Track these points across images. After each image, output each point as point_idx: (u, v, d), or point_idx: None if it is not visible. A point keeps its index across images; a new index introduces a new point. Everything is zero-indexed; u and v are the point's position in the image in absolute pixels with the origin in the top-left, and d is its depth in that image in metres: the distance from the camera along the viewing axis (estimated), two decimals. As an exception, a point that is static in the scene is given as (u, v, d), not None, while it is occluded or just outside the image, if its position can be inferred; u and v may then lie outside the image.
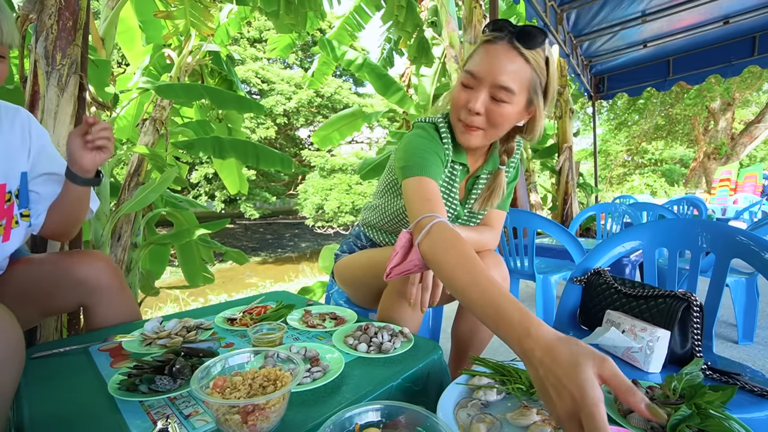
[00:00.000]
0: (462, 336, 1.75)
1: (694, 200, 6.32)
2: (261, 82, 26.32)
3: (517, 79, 1.38)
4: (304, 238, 28.80)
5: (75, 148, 1.40)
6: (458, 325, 1.76)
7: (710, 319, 1.55)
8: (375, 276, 1.69)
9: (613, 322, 1.43)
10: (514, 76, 1.37)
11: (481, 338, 1.72)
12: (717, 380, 1.21)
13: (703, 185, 22.70)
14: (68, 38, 2.37)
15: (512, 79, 1.37)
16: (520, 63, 1.37)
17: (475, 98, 1.42)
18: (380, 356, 1.17)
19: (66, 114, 2.39)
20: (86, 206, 1.56)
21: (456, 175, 1.66)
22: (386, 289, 1.58)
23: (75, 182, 1.45)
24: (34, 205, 1.49)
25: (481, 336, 1.71)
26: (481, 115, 1.44)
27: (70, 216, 1.53)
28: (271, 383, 0.86)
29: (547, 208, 11.00)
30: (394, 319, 1.52)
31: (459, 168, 1.66)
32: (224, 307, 1.67)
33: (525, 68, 1.38)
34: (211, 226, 4.60)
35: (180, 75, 4.91)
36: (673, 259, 1.75)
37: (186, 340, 1.24)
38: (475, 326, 1.69)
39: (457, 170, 1.65)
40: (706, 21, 6.68)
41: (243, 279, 15.77)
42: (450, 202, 1.68)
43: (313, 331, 1.39)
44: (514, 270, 3.46)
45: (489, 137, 1.52)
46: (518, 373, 1.04)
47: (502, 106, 1.41)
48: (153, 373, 0.96)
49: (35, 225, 1.49)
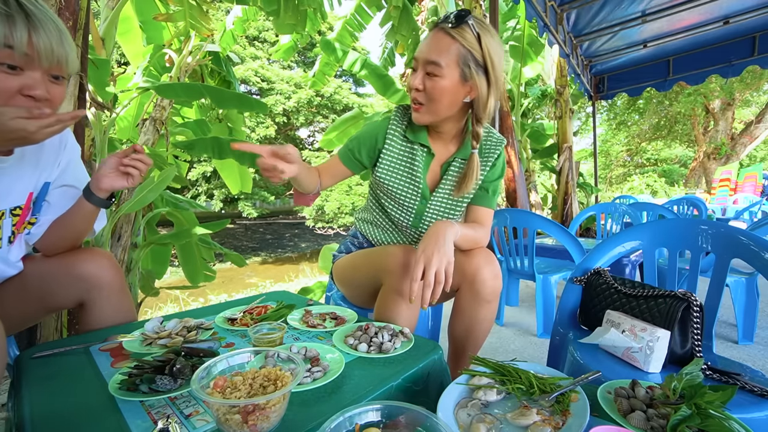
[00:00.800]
0: (458, 335, 1.75)
1: (694, 200, 6.32)
2: (261, 81, 26.31)
3: (443, 54, 1.54)
4: (304, 238, 28.81)
5: (107, 167, 1.42)
6: (453, 325, 1.76)
7: (710, 319, 1.55)
8: (372, 275, 1.71)
9: (613, 322, 1.43)
10: (440, 51, 1.54)
11: (476, 337, 1.72)
12: (717, 380, 1.21)
13: (703, 185, 22.71)
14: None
15: (438, 54, 1.54)
16: (447, 40, 1.54)
17: (414, 77, 1.62)
18: (380, 356, 1.17)
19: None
20: (90, 226, 1.56)
21: (416, 155, 1.79)
22: (383, 288, 1.61)
23: (89, 200, 1.45)
24: (41, 215, 1.49)
25: (476, 334, 1.71)
26: (420, 90, 1.62)
27: (73, 233, 1.52)
28: (272, 383, 0.86)
29: (548, 208, 11.02)
30: (390, 318, 1.53)
31: (419, 148, 1.79)
32: (224, 307, 1.67)
33: (451, 44, 1.54)
34: (211, 227, 4.60)
35: (180, 75, 4.91)
36: (673, 259, 1.75)
37: (186, 340, 1.24)
38: (469, 325, 1.70)
39: (416, 150, 1.79)
40: (706, 21, 6.68)
41: (243, 279, 15.77)
42: (412, 180, 1.81)
43: (313, 331, 1.39)
44: (514, 270, 3.46)
45: (432, 112, 1.66)
46: (518, 373, 1.04)
47: (435, 80, 1.57)
48: (153, 373, 0.96)
49: (34, 234, 1.48)
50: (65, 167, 1.51)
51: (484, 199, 1.84)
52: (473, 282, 1.63)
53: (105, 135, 3.72)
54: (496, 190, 1.86)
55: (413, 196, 1.80)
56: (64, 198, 1.51)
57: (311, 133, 32.86)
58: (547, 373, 1.07)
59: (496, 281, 1.64)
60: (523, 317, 3.81)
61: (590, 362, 1.37)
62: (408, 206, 1.82)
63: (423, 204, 1.82)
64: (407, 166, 1.80)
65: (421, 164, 1.78)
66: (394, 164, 1.80)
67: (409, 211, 1.83)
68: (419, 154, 1.78)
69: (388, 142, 1.80)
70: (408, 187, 1.80)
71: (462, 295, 1.70)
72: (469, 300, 1.67)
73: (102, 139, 3.69)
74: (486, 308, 1.66)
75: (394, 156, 1.80)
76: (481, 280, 1.61)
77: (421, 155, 1.78)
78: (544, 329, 3.26)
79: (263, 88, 26.59)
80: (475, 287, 1.63)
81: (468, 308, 1.68)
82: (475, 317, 1.67)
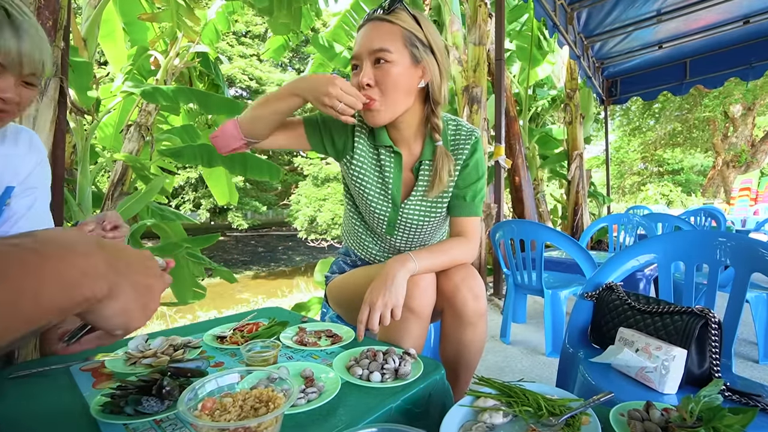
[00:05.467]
0: (447, 359, 1.71)
1: (712, 211, 6.32)
2: (249, 80, 26.29)
3: (388, 39, 1.53)
4: (299, 251, 28.76)
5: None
6: (442, 350, 1.73)
7: (729, 337, 1.55)
8: None
9: (626, 340, 1.43)
10: (384, 37, 1.53)
11: (468, 360, 1.68)
12: (736, 402, 1.22)
13: (721, 195, 22.75)
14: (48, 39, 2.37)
15: (383, 40, 1.52)
16: (386, 26, 1.54)
17: (360, 74, 1.56)
18: (398, 384, 1.13)
19: (46, 120, 2.40)
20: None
21: (384, 161, 1.77)
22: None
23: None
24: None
25: (467, 358, 1.68)
26: (372, 86, 1.55)
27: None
28: (264, 405, 0.86)
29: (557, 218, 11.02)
30: (399, 336, 1.54)
31: (384, 152, 1.77)
32: (213, 324, 1.67)
33: (392, 28, 1.53)
34: (200, 241, 4.59)
35: (166, 78, 4.93)
36: (690, 273, 1.76)
37: (173, 359, 1.24)
38: (457, 349, 1.67)
39: (383, 154, 1.76)
40: (725, 20, 6.71)
41: (233, 294, 15.70)
42: (383, 188, 1.79)
43: (307, 350, 1.39)
44: (521, 285, 3.46)
45: (390, 105, 1.59)
46: (526, 395, 1.04)
47: (386, 67, 1.53)
48: (138, 393, 0.96)
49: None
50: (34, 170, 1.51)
51: (462, 209, 1.79)
52: (453, 304, 1.62)
53: (87, 142, 3.74)
54: (477, 195, 1.80)
55: (384, 204, 1.79)
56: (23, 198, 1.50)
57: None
58: (557, 395, 1.07)
59: (477, 302, 1.61)
60: (531, 335, 3.81)
61: (602, 383, 1.37)
62: (380, 215, 1.81)
63: (395, 212, 1.80)
64: (377, 174, 1.79)
65: (390, 170, 1.77)
66: (364, 172, 1.78)
67: (382, 220, 1.82)
68: (386, 159, 1.77)
69: (357, 151, 1.78)
70: (379, 195, 1.79)
71: (445, 318, 1.69)
72: (452, 324, 1.66)
73: (83, 146, 3.70)
74: (471, 331, 1.64)
75: (364, 164, 1.78)
76: (461, 301, 1.60)
77: (388, 160, 1.77)
78: (553, 348, 3.25)
79: (252, 87, 26.57)
80: (456, 309, 1.62)
81: (453, 332, 1.67)
82: (462, 341, 1.66)
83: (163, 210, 5.00)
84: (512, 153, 7.09)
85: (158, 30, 4.87)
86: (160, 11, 4.50)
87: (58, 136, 2.48)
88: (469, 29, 5.60)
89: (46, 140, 2.38)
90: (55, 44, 2.41)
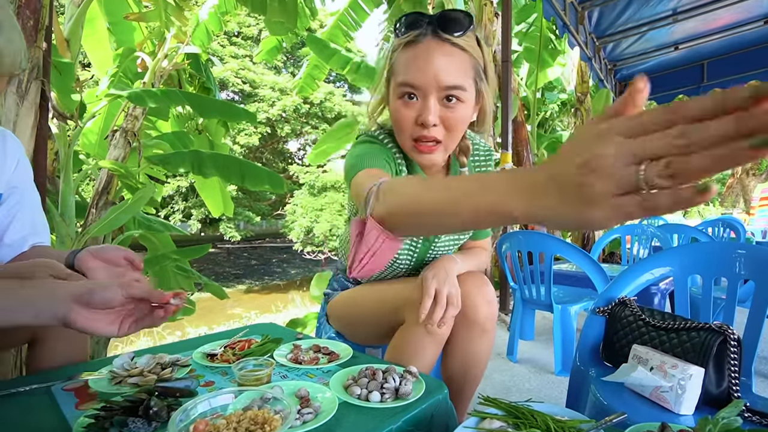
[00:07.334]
0: (452, 374, 1.69)
1: (731, 221, 6.31)
2: (242, 83, 26.33)
3: (462, 73, 1.39)
4: (294, 263, 28.74)
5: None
6: (446, 364, 1.71)
7: (749, 354, 1.55)
8: (386, 311, 1.66)
9: (640, 358, 1.43)
10: (459, 70, 1.39)
11: (474, 375, 1.67)
12: (757, 423, 1.22)
13: (741, 204, 22.70)
14: (29, 39, 2.37)
15: (458, 74, 1.38)
16: (458, 54, 1.39)
17: (426, 110, 1.40)
18: (399, 404, 1.12)
19: (26, 125, 2.40)
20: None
21: None
22: (407, 322, 1.56)
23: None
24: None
25: (474, 372, 1.67)
26: (437, 126, 1.43)
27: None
28: (259, 427, 0.87)
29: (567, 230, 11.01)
30: (413, 355, 1.51)
31: None
32: (203, 341, 1.67)
33: (464, 58, 1.40)
34: (189, 252, 4.58)
35: (154, 81, 4.93)
36: (708, 287, 1.76)
37: (160, 378, 1.24)
38: (464, 360, 1.66)
39: None
40: (744, 20, 6.69)
41: (225, 310, 15.69)
42: None
43: (303, 368, 1.39)
44: (529, 300, 3.46)
45: (450, 146, 1.52)
46: (534, 416, 1.04)
47: (457, 107, 1.41)
48: (123, 414, 0.96)
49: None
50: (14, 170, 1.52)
51: (481, 231, 1.81)
52: (464, 308, 1.55)
53: (70, 148, 3.74)
54: None
55: (413, 240, 1.73)
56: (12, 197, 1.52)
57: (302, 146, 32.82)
58: (567, 416, 1.07)
59: (490, 307, 1.60)
60: (539, 352, 3.80)
61: (614, 403, 1.37)
62: (408, 251, 1.74)
63: (425, 247, 1.76)
64: None
65: None
66: None
67: (409, 255, 1.75)
68: None
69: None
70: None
71: (454, 325, 1.64)
72: (462, 330, 1.61)
73: (66, 152, 3.71)
74: (483, 339, 1.62)
75: None
76: (472, 305, 1.56)
77: None
78: (563, 366, 3.24)
79: (245, 91, 26.61)
80: (468, 315, 1.56)
81: (462, 340, 1.64)
82: (471, 350, 1.64)
83: (151, 221, 4.98)
84: (520, 160, 7.10)
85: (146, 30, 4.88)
86: (148, 10, 4.51)
87: (40, 142, 2.48)
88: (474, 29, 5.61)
89: (26, 146, 2.38)
90: (36, 45, 2.41)
